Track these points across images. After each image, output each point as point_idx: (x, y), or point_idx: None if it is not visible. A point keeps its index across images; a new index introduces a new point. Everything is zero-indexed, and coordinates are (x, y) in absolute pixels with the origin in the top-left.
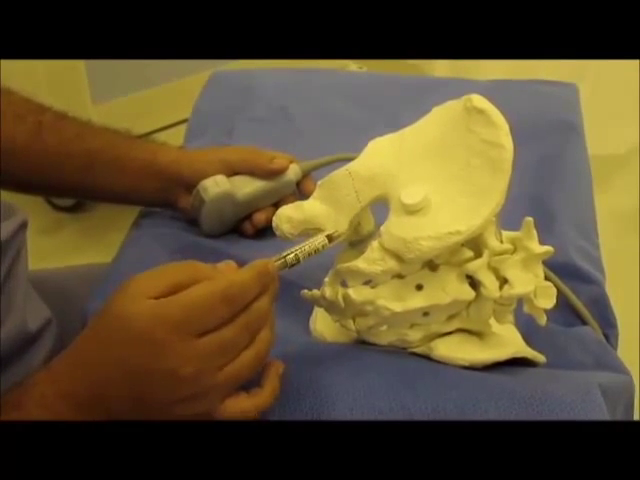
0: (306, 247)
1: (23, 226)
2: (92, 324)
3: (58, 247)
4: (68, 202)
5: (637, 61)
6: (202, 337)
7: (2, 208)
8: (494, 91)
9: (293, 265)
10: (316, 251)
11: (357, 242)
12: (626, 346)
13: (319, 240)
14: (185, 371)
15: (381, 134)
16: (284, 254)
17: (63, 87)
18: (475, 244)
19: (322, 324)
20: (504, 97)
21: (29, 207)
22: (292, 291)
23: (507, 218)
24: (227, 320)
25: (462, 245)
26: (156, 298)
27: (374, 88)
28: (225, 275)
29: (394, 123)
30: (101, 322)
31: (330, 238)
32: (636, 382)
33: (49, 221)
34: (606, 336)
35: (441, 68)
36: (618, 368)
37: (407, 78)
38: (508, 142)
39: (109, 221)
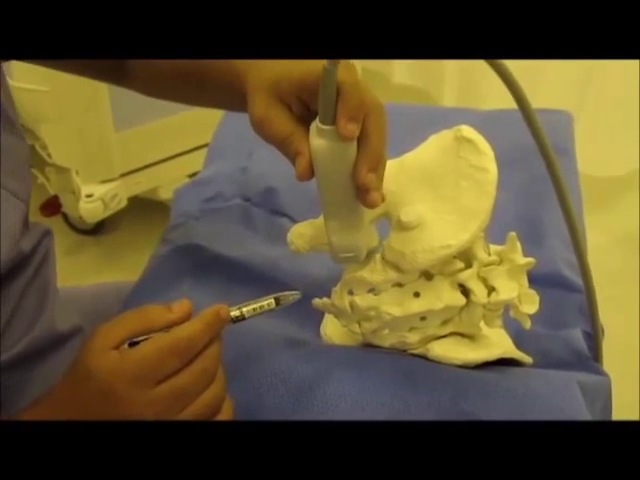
0: (256, 305)
1: (46, 234)
2: (68, 372)
3: (80, 268)
4: (89, 225)
5: (637, 83)
6: (158, 386)
7: (25, 224)
8: (492, 119)
9: (238, 320)
10: (261, 308)
11: None
12: (629, 366)
13: (268, 301)
14: (146, 416)
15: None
16: (238, 307)
17: (87, 115)
18: (466, 256)
19: (331, 329)
20: (502, 124)
21: None
22: (305, 300)
23: (502, 233)
24: (179, 369)
25: (454, 257)
26: (117, 347)
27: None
28: (175, 329)
29: (397, 149)
30: (73, 374)
31: (278, 301)
32: (625, 388)
33: (71, 243)
34: (590, 339)
35: (449, 97)
36: (597, 370)
37: (411, 108)
38: (493, 167)
39: (129, 243)
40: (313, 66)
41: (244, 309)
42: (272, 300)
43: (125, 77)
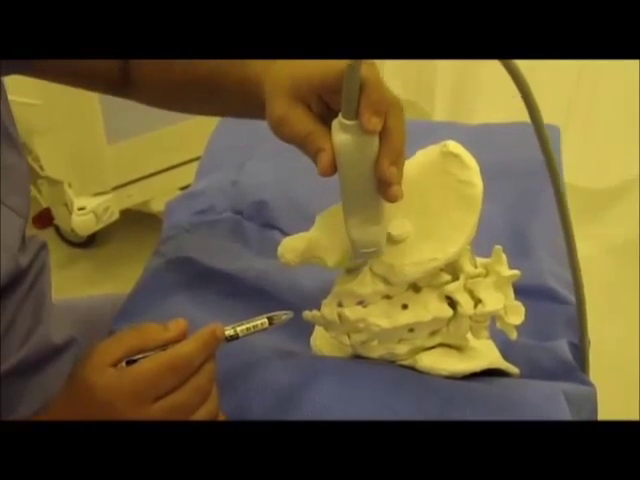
0: (249, 325)
1: (43, 247)
2: (67, 388)
3: (72, 281)
4: (81, 238)
5: (636, 93)
6: (156, 402)
7: (23, 239)
8: (483, 134)
9: (232, 339)
10: (254, 327)
11: (353, 269)
12: (625, 380)
13: (261, 321)
14: None
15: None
16: (232, 326)
17: (80, 128)
18: (452, 269)
19: (321, 341)
20: (492, 139)
21: None
22: (295, 312)
23: (490, 245)
24: (176, 386)
25: (441, 270)
26: (115, 365)
27: None
28: (173, 348)
29: None
30: (72, 389)
31: (271, 321)
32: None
33: (63, 256)
34: (578, 351)
35: (440, 110)
36: (583, 380)
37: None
38: (479, 181)
39: (121, 256)
40: (332, 65)
41: (238, 329)
42: (265, 320)
43: (129, 87)
